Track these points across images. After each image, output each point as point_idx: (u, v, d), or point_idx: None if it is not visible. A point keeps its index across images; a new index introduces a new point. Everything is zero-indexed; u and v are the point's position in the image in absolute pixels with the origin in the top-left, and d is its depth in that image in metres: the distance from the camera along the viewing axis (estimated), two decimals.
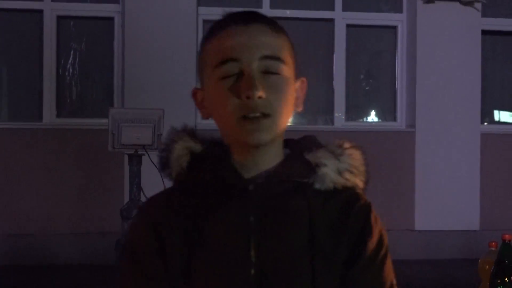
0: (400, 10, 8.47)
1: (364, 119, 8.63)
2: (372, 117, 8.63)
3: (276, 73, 1.50)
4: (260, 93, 1.46)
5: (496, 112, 8.87)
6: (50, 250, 7.47)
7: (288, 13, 8.35)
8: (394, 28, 8.48)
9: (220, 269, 1.48)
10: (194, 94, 1.62)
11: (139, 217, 1.61)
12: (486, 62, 8.50)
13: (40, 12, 7.94)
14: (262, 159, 1.55)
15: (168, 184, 1.64)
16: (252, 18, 1.54)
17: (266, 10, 8.19)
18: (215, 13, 8.17)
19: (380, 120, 8.62)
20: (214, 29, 1.56)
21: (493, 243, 2.70)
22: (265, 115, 1.48)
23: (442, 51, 8.16)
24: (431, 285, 6.80)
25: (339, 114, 8.32)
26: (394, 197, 8.03)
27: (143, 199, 5.41)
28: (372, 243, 1.53)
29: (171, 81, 7.65)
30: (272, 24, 1.55)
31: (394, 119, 8.47)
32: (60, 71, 8.03)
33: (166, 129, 5.87)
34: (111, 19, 8.04)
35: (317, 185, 1.54)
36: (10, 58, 8.13)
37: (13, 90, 8.15)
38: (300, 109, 1.63)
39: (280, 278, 1.47)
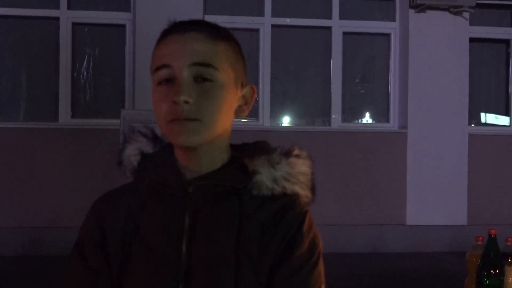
0: (393, 19, 8.46)
1: (359, 121, 8.62)
2: (367, 118, 8.62)
3: (209, 80, 1.47)
4: (185, 98, 1.44)
5: (482, 115, 8.86)
6: (65, 242, 7.46)
7: (288, 21, 8.35)
8: (388, 35, 8.48)
9: (152, 265, 1.47)
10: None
11: (90, 211, 1.62)
12: (473, 68, 8.49)
13: (56, 19, 7.94)
14: (202, 161, 1.52)
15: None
16: (191, 27, 1.51)
17: (267, 18, 8.19)
18: (221, 21, 8.21)
19: (374, 122, 8.61)
20: (159, 37, 1.55)
21: (480, 237, 2.70)
22: (191, 120, 1.45)
23: (433, 57, 8.15)
24: (421, 277, 6.79)
25: (336, 115, 8.32)
26: (387, 193, 8.03)
27: None
28: (301, 250, 1.48)
29: None
30: (212, 32, 1.52)
31: (387, 121, 8.46)
32: (75, 74, 8.03)
33: None
34: (123, 26, 8.04)
35: (254, 191, 1.51)
36: (28, 62, 8.13)
37: (30, 92, 8.15)
38: (244, 114, 1.58)
39: (205, 277, 1.45)
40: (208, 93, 1.47)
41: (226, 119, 1.51)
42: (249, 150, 1.57)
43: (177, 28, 1.52)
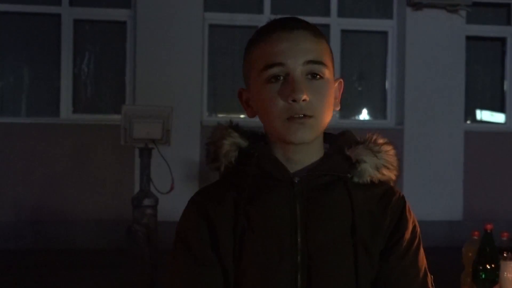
0: (390, 17, 8.45)
1: (357, 117, 8.62)
2: (364, 115, 8.62)
3: (319, 77, 1.51)
4: (304, 96, 1.46)
5: (478, 112, 8.86)
6: (67, 235, 7.47)
7: None
8: (385, 33, 8.47)
9: (268, 254, 1.48)
10: (240, 94, 1.62)
11: (192, 208, 1.59)
12: (469, 66, 8.48)
13: (58, 16, 7.93)
14: (305, 155, 1.55)
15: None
16: (296, 25, 1.54)
17: (266, 15, 8.17)
18: (221, 18, 8.23)
19: (371, 118, 8.61)
20: (260, 35, 1.55)
21: (476, 232, 2.70)
22: (309, 116, 1.48)
23: (429, 54, 8.15)
24: None
25: (333, 112, 8.29)
26: None
27: (152, 189, 5.41)
28: (408, 233, 1.55)
29: (179, 80, 7.64)
30: (314, 30, 1.55)
31: (384, 117, 8.47)
32: (76, 70, 8.02)
33: (175, 125, 5.88)
34: (123, 23, 8.03)
35: (356, 179, 1.55)
36: (30, 58, 8.12)
37: (32, 88, 8.14)
38: (338, 108, 1.62)
39: (325, 264, 1.47)
40: (320, 90, 1.51)
41: (330, 113, 1.56)
42: (342, 141, 1.60)
43: (281, 26, 1.53)
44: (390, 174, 1.59)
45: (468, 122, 8.60)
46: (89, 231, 7.48)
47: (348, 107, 8.51)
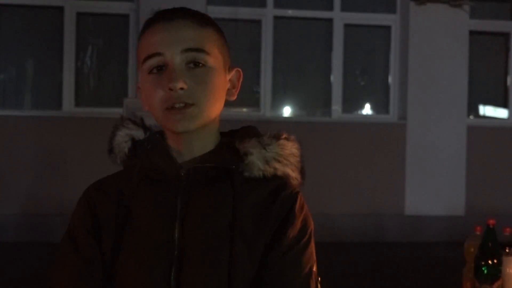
0: (393, 11, 8.43)
1: (360, 112, 8.60)
2: (367, 110, 8.61)
3: (201, 65, 1.48)
4: (181, 84, 1.44)
5: (481, 107, 8.84)
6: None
7: (290, 12, 8.32)
8: (388, 27, 8.45)
9: (145, 249, 1.46)
10: (138, 89, 1.60)
11: (81, 198, 1.59)
12: (472, 60, 8.46)
13: (61, 9, 7.92)
14: (194, 145, 1.52)
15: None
16: (177, 14, 1.52)
17: (269, 9, 8.16)
18: (223, 12, 8.22)
19: (374, 113, 8.59)
20: (144, 27, 1.55)
21: (478, 228, 2.69)
22: (189, 105, 1.45)
23: (432, 49, 8.13)
24: (419, 266, 6.79)
25: (336, 107, 8.30)
26: (386, 184, 8.02)
27: None
28: (294, 230, 1.48)
29: None
30: (198, 18, 1.53)
31: (387, 112, 8.45)
32: (79, 63, 8.02)
33: None
34: (126, 16, 8.02)
35: (246, 173, 1.50)
36: (33, 51, 8.11)
37: (35, 81, 8.14)
38: (233, 98, 1.58)
39: (199, 258, 1.44)
40: (201, 77, 1.47)
41: (218, 103, 1.52)
42: (238, 135, 1.56)
43: (162, 17, 1.52)
44: (284, 169, 1.53)
45: (471, 117, 8.58)
46: None
47: (351, 101, 8.50)
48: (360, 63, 8.64)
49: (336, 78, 8.32)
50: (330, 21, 8.31)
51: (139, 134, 1.58)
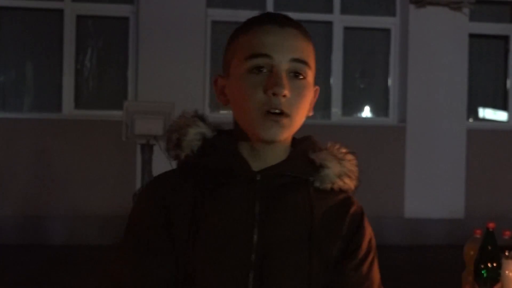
0: (393, 14, 8.44)
1: (359, 115, 8.60)
2: (367, 113, 8.61)
3: (302, 77, 1.48)
4: (286, 91, 1.43)
5: (480, 110, 8.85)
6: (68, 230, 7.47)
7: (290, 15, 8.30)
8: (388, 30, 8.45)
9: (222, 250, 1.45)
10: (215, 80, 1.58)
11: (147, 192, 1.56)
12: (472, 63, 8.46)
13: (61, 11, 7.92)
14: (270, 153, 1.51)
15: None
16: (288, 22, 1.52)
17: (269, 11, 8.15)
18: (223, 14, 8.22)
19: (373, 116, 8.60)
20: (249, 24, 1.52)
21: (478, 231, 2.69)
22: (285, 114, 1.45)
23: (432, 52, 8.14)
24: (418, 269, 6.79)
25: (336, 109, 8.30)
26: (386, 187, 8.02)
27: None
28: (364, 245, 1.52)
29: (181, 76, 7.64)
30: (304, 30, 1.53)
31: (387, 115, 8.45)
32: (78, 66, 8.02)
33: None
34: (126, 19, 8.02)
35: (317, 184, 1.52)
36: (33, 54, 8.11)
37: (35, 84, 8.14)
38: (311, 114, 1.58)
39: (279, 264, 1.45)
40: (301, 90, 1.48)
41: (304, 116, 1.52)
42: (305, 144, 1.57)
43: (274, 20, 1.51)
44: (350, 184, 1.56)
45: (471, 120, 8.59)
46: (90, 227, 7.48)
47: (351, 104, 8.50)
48: (359, 66, 8.64)
49: (335, 80, 8.32)
50: (330, 24, 8.32)
51: (209, 133, 1.56)
